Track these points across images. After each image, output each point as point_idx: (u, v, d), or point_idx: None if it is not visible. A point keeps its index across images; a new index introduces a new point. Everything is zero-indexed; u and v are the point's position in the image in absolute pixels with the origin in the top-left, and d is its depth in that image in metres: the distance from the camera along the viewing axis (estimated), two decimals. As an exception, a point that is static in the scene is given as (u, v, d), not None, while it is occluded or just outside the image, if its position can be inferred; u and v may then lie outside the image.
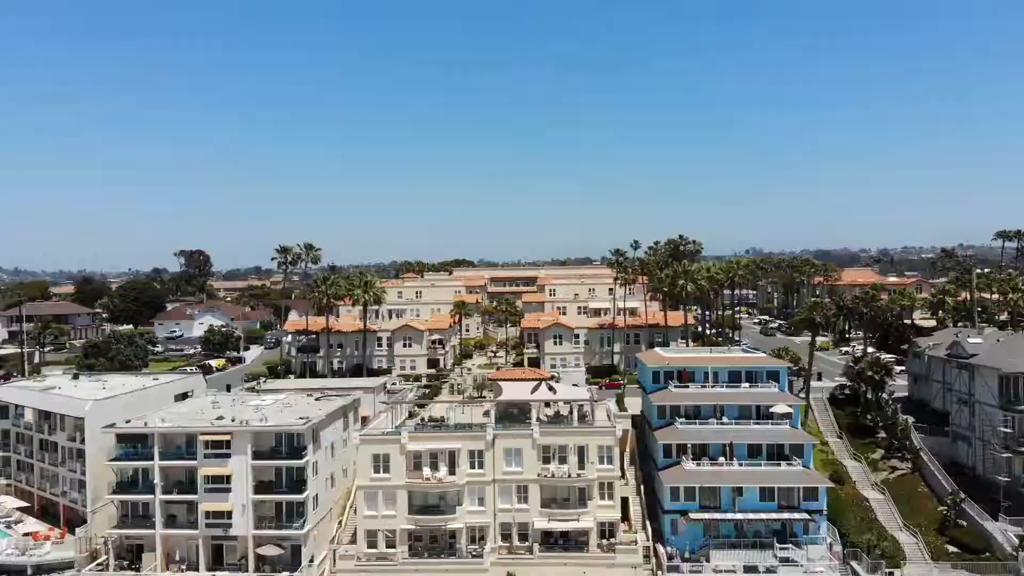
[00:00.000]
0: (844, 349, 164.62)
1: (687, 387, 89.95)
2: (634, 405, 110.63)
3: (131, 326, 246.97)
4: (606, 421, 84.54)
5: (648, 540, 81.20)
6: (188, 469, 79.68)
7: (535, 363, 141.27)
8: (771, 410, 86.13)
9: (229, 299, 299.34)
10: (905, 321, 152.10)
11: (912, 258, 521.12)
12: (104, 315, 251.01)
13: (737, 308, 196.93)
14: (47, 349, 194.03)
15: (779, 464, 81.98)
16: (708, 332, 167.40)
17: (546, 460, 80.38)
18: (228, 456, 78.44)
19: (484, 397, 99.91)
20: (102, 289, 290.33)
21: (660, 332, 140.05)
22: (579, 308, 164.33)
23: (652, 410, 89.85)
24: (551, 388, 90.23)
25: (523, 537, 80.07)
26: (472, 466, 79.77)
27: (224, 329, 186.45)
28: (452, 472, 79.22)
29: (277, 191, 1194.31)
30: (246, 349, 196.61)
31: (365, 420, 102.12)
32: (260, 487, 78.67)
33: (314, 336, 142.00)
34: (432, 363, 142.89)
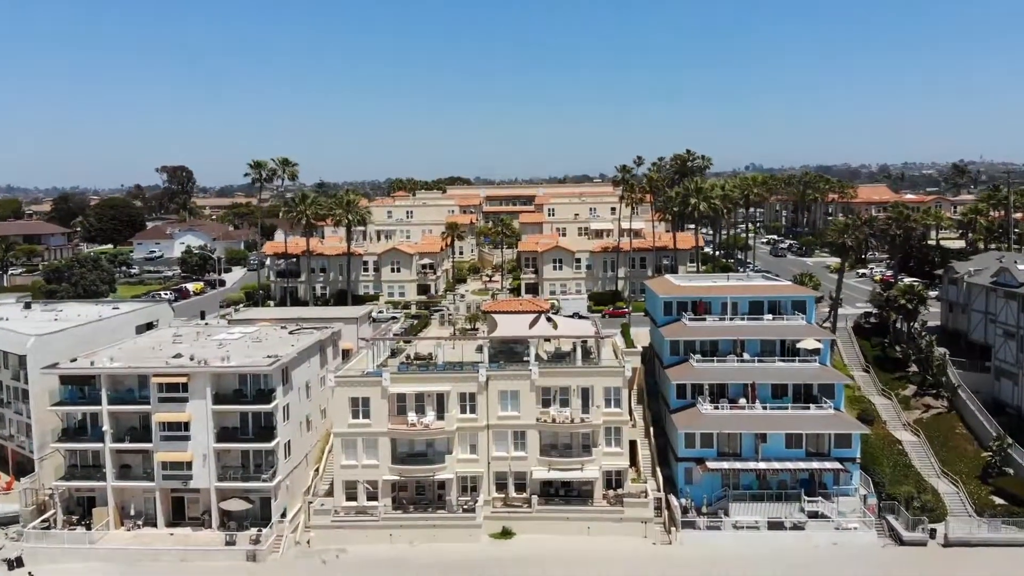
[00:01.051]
0: (861, 272, 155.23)
1: (703, 320, 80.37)
2: (641, 337, 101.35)
3: (110, 246, 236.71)
4: (613, 359, 75.18)
5: (659, 490, 72.86)
6: (142, 414, 70.52)
7: (533, 289, 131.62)
8: (798, 346, 76.79)
9: (214, 217, 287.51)
10: (929, 242, 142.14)
11: (915, 174, 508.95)
12: (81, 235, 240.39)
13: (743, 227, 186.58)
14: (19, 272, 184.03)
15: (807, 407, 73.03)
16: (716, 254, 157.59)
17: (546, 403, 71.34)
18: (186, 400, 69.18)
19: (477, 329, 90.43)
20: (80, 207, 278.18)
21: (668, 255, 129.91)
22: (580, 229, 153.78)
23: (663, 345, 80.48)
24: (551, 321, 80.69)
25: (520, 487, 71.66)
26: (463, 410, 70.73)
27: (200, 251, 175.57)
28: (440, 417, 70.21)
29: (271, 106, 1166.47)
30: (227, 271, 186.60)
31: (347, 354, 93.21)
32: (223, 435, 69.70)
33: (295, 260, 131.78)
34: (422, 289, 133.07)
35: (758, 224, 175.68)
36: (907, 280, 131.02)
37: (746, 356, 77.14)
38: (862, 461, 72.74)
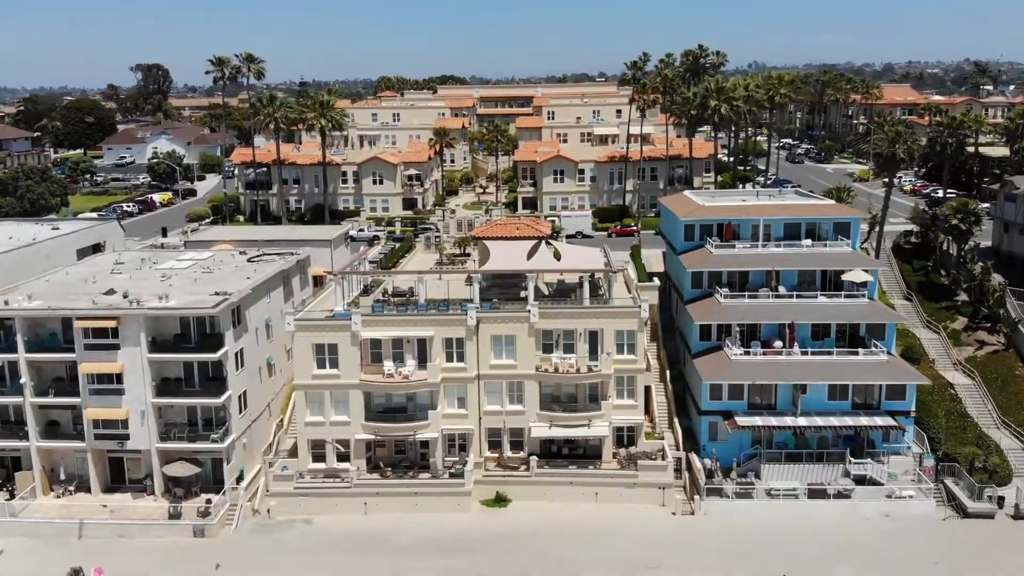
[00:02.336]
0: (887, 180, 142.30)
1: (732, 246, 68.50)
2: (654, 260, 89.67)
3: (79, 151, 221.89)
4: (626, 296, 63.61)
5: (678, 448, 62.52)
6: (68, 364, 59.36)
7: (531, 204, 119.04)
8: (844, 277, 65.29)
9: (193, 119, 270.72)
10: (968, 150, 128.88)
11: (920, 75, 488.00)
12: (49, 140, 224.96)
13: (754, 131, 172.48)
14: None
15: (855, 352, 62.04)
16: (730, 162, 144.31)
17: (547, 349, 60.25)
18: (116, 348, 57.87)
19: (467, 255, 78.58)
20: (50, 110, 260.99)
21: (682, 165, 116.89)
22: (582, 135, 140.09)
23: (683, 277, 68.87)
24: (552, 247, 68.81)
25: (517, 446, 61.28)
26: (449, 358, 59.63)
27: (168, 157, 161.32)
28: (422, 366, 59.16)
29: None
30: (201, 179, 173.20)
31: (320, 282, 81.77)
32: (164, 388, 58.70)
33: (265, 169, 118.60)
34: (408, 203, 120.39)
35: (771, 127, 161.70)
36: (940, 192, 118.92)
37: (781, 290, 65.73)
38: (916, 415, 62.32)
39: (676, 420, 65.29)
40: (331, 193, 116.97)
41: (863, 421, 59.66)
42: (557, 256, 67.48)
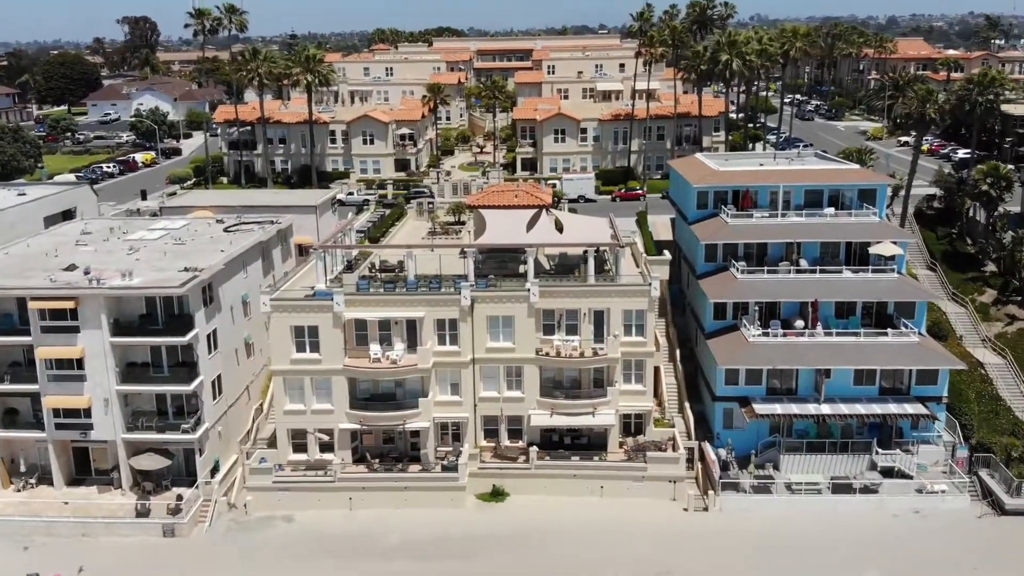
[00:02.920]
0: (903, 139, 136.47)
1: (749, 215, 63.12)
2: (661, 227, 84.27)
3: (64, 108, 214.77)
4: (635, 272, 58.35)
5: (689, 436, 57.81)
6: (25, 347, 54.22)
7: (531, 165, 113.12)
8: (871, 250, 60.10)
9: (183, 73, 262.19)
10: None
11: (925, 28, 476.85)
12: (33, 96, 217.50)
13: (765, 88, 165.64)
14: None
15: (884, 332, 56.99)
16: (738, 119, 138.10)
17: (548, 330, 55.18)
18: (76, 330, 52.72)
19: (462, 223, 73.09)
20: (32, 64, 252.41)
21: (691, 123, 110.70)
22: (584, 91, 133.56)
23: (696, 249, 63.57)
24: (555, 218, 63.47)
25: (515, 435, 56.51)
26: (441, 341, 54.52)
27: (151, 114, 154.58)
28: (412, 349, 54.11)
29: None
30: (187, 137, 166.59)
31: (304, 251, 76.69)
32: (129, 374, 53.65)
33: (249, 128, 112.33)
34: (401, 165, 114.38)
35: (778, 83, 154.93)
36: (961, 152, 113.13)
37: (802, 264, 60.49)
38: (949, 402, 57.53)
39: (687, 405, 60.45)
40: (319, 154, 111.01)
41: (892, 409, 54.74)
42: (559, 227, 62.16)
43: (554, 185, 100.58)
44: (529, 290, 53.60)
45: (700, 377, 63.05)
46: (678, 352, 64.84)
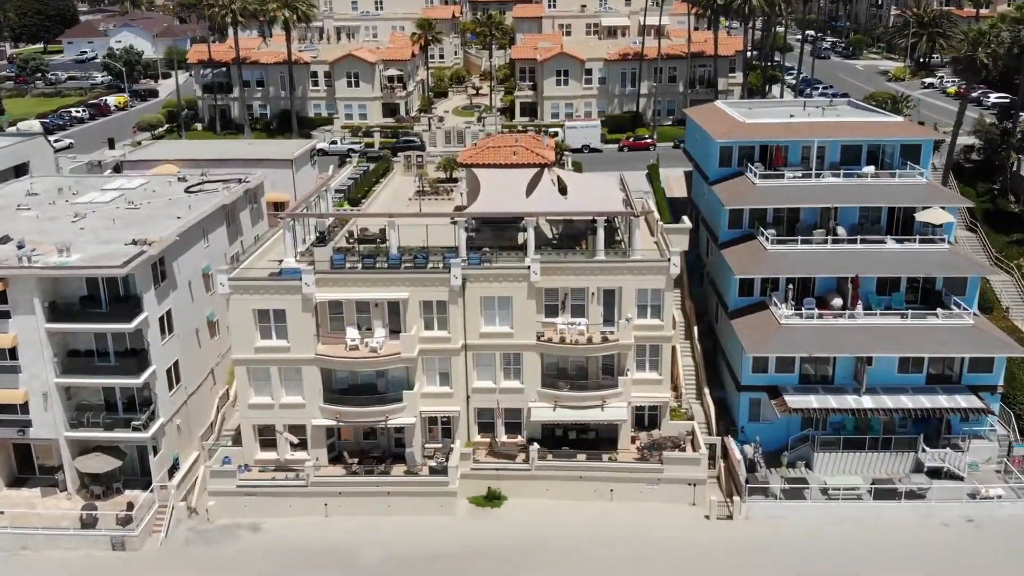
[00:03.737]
0: (927, 81, 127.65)
1: (780, 175, 55.59)
2: (674, 182, 76.91)
3: (39, 46, 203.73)
4: (650, 243, 50.99)
5: (711, 429, 51.26)
6: (-51, 333, 47.20)
7: (530, 110, 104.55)
8: (919, 217, 52.87)
9: (166, 7, 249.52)
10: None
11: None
12: (7, 36, 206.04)
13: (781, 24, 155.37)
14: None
15: (933, 312, 49.98)
16: (751, 56, 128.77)
17: (551, 311, 48.17)
18: (7, 316, 45.62)
19: (455, 180, 65.43)
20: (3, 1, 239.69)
21: (705, 64, 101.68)
22: (589, 26, 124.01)
23: (719, 214, 56.24)
24: (558, 178, 55.90)
25: (514, 429, 49.88)
26: (429, 325, 47.47)
27: (124, 52, 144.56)
28: (395, 335, 47.13)
29: None
30: (166, 77, 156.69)
31: (280, 208, 69.58)
32: (71, 364, 46.63)
33: (224, 69, 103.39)
34: (389, 109, 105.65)
35: (803, 20, 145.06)
36: (993, 97, 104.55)
37: (840, 232, 53.19)
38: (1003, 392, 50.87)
39: (707, 391, 53.73)
40: (300, 97, 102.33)
41: (943, 402, 48.04)
42: (563, 189, 54.62)
43: (555, 134, 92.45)
44: (529, 267, 46.33)
45: (721, 358, 56.27)
46: (696, 329, 57.88)
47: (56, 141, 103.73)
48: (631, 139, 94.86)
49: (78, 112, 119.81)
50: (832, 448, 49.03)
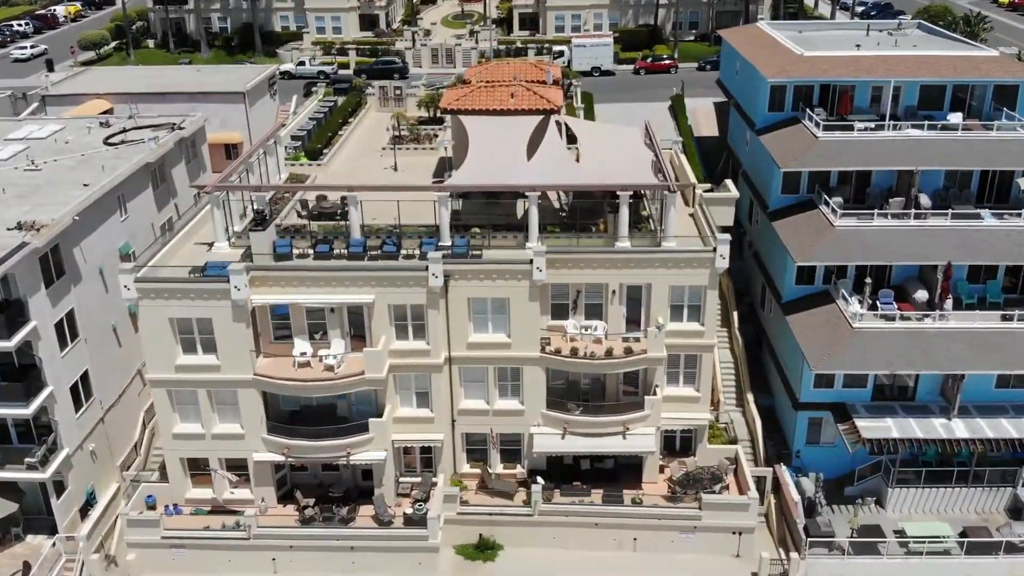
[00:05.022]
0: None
1: (849, 126, 43.88)
2: (701, 116, 64.97)
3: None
4: (685, 217, 39.73)
5: (757, 453, 41.21)
6: None
7: (531, 23, 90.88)
8: (1021, 182, 41.62)
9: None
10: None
11: None
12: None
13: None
14: None
15: (1045, 311, 39.26)
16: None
17: (559, 312, 37.46)
18: None
19: (440, 121, 53.49)
20: None
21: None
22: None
23: (771, 176, 44.90)
24: (565, 130, 44.29)
25: (511, 456, 39.75)
26: (403, 333, 36.71)
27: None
28: (359, 340, 36.49)
29: None
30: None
31: (233, 153, 58.91)
32: (-60, 387, 36.17)
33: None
34: (368, 22, 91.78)
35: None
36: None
37: (924, 201, 41.96)
38: None
39: (750, 398, 43.46)
40: (264, 8, 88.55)
41: (1055, 429, 37.84)
42: (572, 138, 43.27)
43: (560, 53, 79.62)
44: (532, 261, 35.27)
45: (767, 354, 45.82)
46: (735, 315, 47.12)
47: (32, 47, 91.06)
48: (648, 59, 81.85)
49: (20, 25, 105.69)
50: (910, 483, 39.09)
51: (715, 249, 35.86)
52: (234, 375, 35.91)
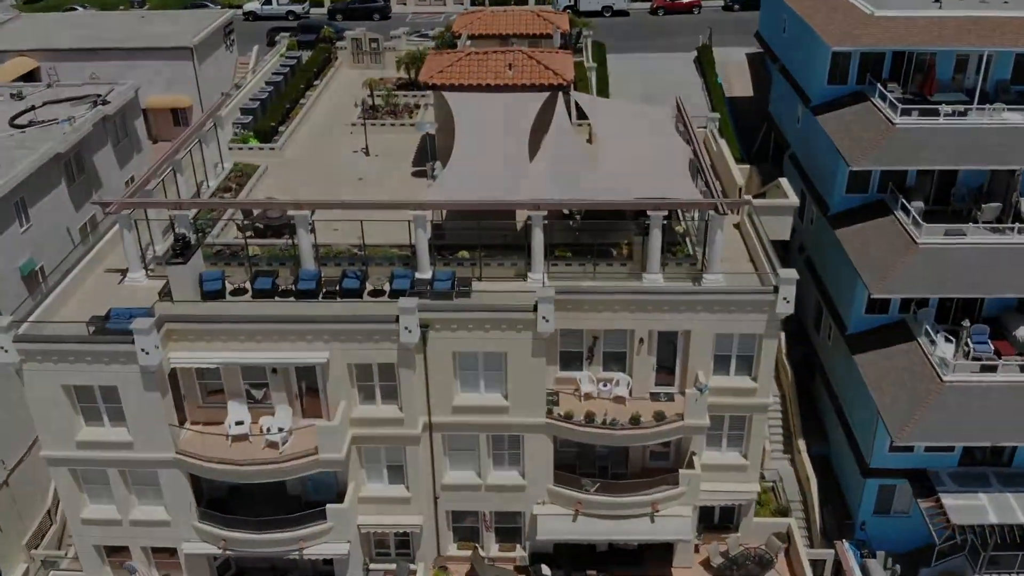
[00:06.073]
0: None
1: (934, 110, 34.78)
2: (734, 74, 55.78)
3: None
4: (735, 242, 30.96)
5: (811, 521, 33.48)
6: None
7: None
8: None
9: None
10: None
11: None
12: None
13: None
14: None
15: None
16: None
17: (570, 360, 29.19)
18: None
19: (425, 88, 43.94)
20: None
21: None
22: None
23: (831, 171, 36.15)
24: (574, 104, 35.36)
25: (509, 536, 31.87)
26: (368, 397, 28.43)
27: None
28: (313, 399, 28.28)
29: None
30: None
31: (183, 122, 50.70)
32: None
33: None
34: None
35: None
36: None
37: (1026, 207, 33.35)
38: None
39: (801, 444, 35.56)
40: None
41: None
42: (581, 114, 34.45)
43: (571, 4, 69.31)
44: (536, 308, 26.75)
45: (820, 383, 37.79)
46: (783, 335, 38.77)
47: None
48: (669, -1, 71.56)
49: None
50: (1004, 565, 31.45)
51: (776, 289, 27.34)
52: (150, 454, 27.74)
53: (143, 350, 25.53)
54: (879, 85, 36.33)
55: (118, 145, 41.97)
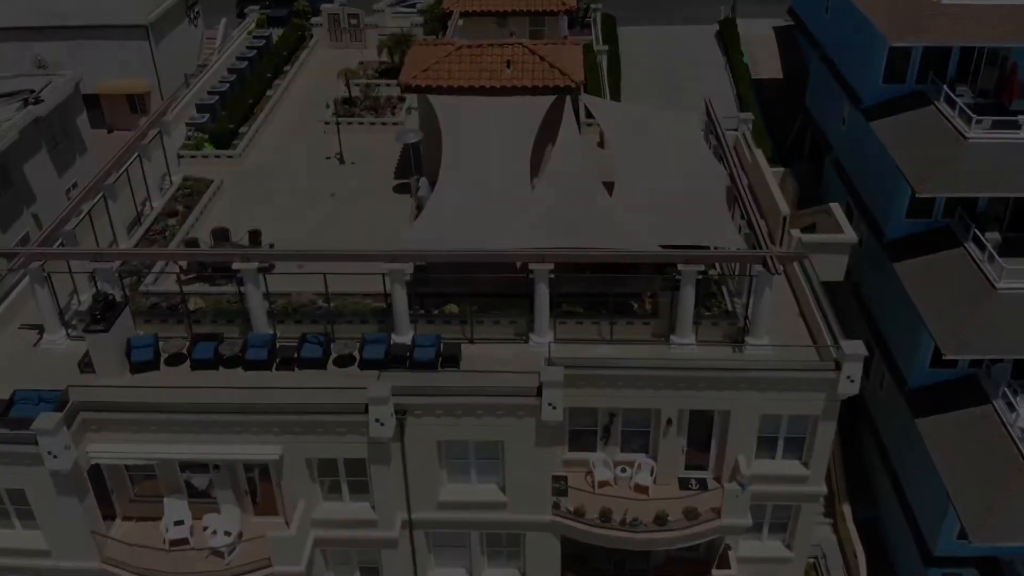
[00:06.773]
0: None
1: (1014, 119, 29.00)
2: (759, 50, 49.84)
3: None
4: (781, 290, 25.38)
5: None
6: None
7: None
8: None
9: None
10: None
11: None
12: None
13: None
14: None
15: None
16: None
17: (580, 442, 24.16)
18: None
19: (400, 98, 37.67)
20: None
21: None
22: None
23: (889, 190, 30.43)
24: (583, 111, 29.63)
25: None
26: (334, 492, 23.29)
27: None
28: (269, 506, 23.15)
29: None
30: None
31: (142, 109, 45.73)
32: None
33: None
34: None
35: None
36: None
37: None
38: None
39: (847, 511, 30.62)
40: None
41: None
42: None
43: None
44: (540, 391, 21.42)
45: (868, 438, 32.70)
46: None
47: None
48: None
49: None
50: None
51: (837, 365, 22.05)
52: (70, 563, 22.72)
53: (50, 453, 20.30)
54: (944, 87, 30.53)
55: (55, 149, 36.17)
